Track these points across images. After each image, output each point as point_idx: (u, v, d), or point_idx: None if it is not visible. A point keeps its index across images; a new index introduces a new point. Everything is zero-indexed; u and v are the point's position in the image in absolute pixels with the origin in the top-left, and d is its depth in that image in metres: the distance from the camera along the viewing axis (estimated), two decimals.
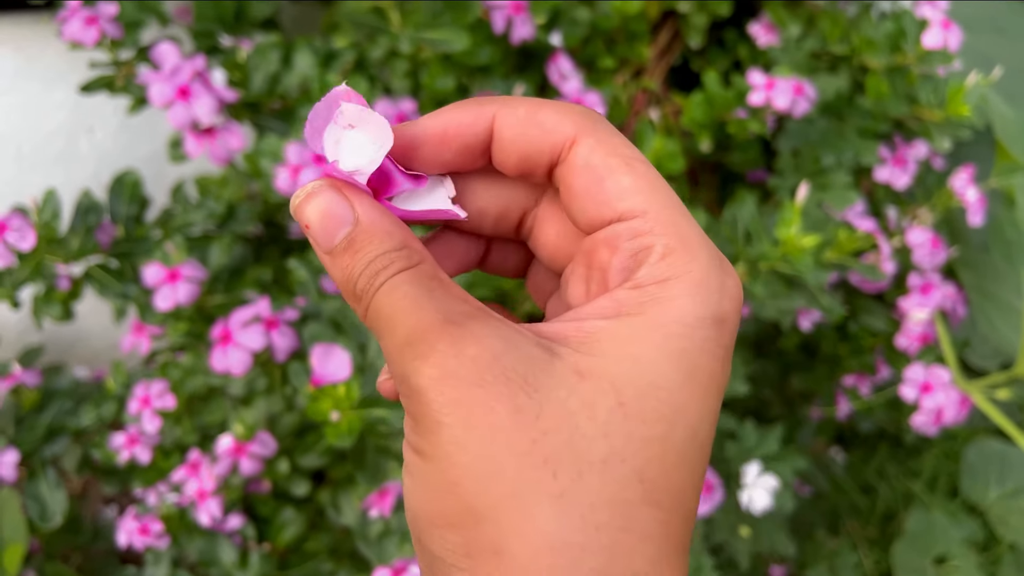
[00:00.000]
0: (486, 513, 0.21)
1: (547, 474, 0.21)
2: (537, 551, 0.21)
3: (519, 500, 0.21)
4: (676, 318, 0.23)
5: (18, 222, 0.74)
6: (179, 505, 0.81)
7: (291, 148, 0.77)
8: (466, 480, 0.22)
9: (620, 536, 0.21)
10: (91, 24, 0.82)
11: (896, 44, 0.85)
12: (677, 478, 0.22)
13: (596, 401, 0.22)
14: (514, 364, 0.22)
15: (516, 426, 0.22)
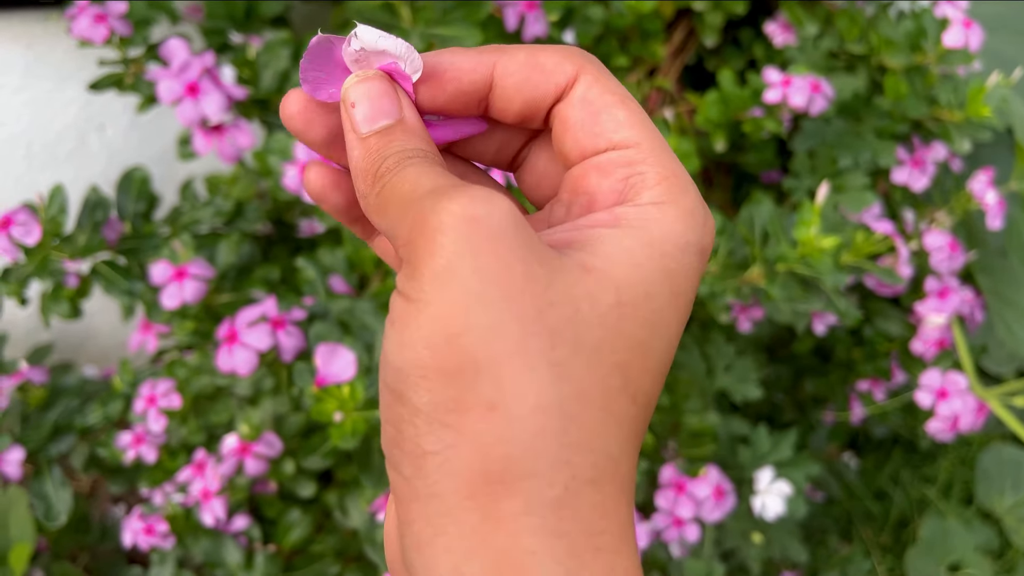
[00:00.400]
0: (486, 367, 0.21)
1: (548, 343, 0.22)
2: (532, 411, 0.21)
3: (522, 360, 0.21)
4: (670, 239, 0.24)
5: (24, 216, 0.74)
6: (184, 505, 0.81)
7: (300, 146, 0.76)
8: (470, 332, 0.21)
9: (603, 416, 0.22)
10: (100, 22, 0.82)
11: (916, 43, 0.84)
12: (649, 382, 0.24)
13: (598, 294, 0.23)
14: (532, 237, 0.23)
15: (527, 290, 0.22)
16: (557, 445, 0.21)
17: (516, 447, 0.21)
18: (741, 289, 0.75)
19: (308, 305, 0.74)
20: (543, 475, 0.21)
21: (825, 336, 0.99)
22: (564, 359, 0.22)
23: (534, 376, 0.21)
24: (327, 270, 0.81)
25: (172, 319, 0.78)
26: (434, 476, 0.22)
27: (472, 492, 0.21)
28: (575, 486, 0.22)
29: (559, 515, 0.21)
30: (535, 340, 0.22)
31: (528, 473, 0.21)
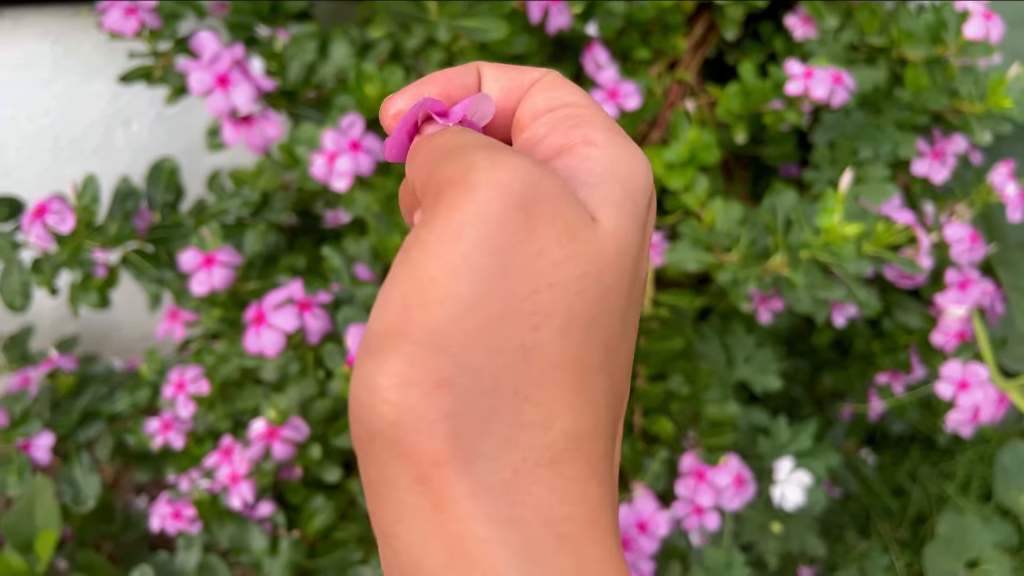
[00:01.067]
0: (448, 343, 0.20)
1: (528, 324, 0.21)
2: (483, 392, 0.21)
3: (487, 340, 0.21)
4: (637, 186, 0.24)
5: (58, 205, 0.75)
6: (211, 491, 0.82)
7: (328, 135, 0.77)
8: (446, 301, 0.21)
9: (570, 396, 0.21)
10: (131, 15, 0.83)
11: (936, 35, 0.85)
12: (626, 353, 0.24)
13: (606, 269, 0.22)
14: (565, 212, 0.22)
15: (532, 268, 0.21)
16: (506, 426, 0.20)
17: (462, 427, 0.20)
18: (763, 278, 0.76)
19: (334, 290, 0.75)
20: (490, 457, 0.20)
21: (844, 329, 0.99)
22: (544, 341, 0.21)
23: (501, 354, 0.20)
24: (352, 259, 0.82)
25: (200, 306, 0.79)
26: (383, 459, 0.21)
27: (421, 476, 0.20)
28: (527, 468, 0.20)
29: (510, 500, 0.20)
30: (516, 319, 0.21)
31: (475, 455, 0.20)
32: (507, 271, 0.21)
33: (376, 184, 0.84)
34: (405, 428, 0.20)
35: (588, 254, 0.22)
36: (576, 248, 0.22)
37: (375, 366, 0.21)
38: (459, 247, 0.21)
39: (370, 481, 0.21)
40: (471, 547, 0.20)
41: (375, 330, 0.21)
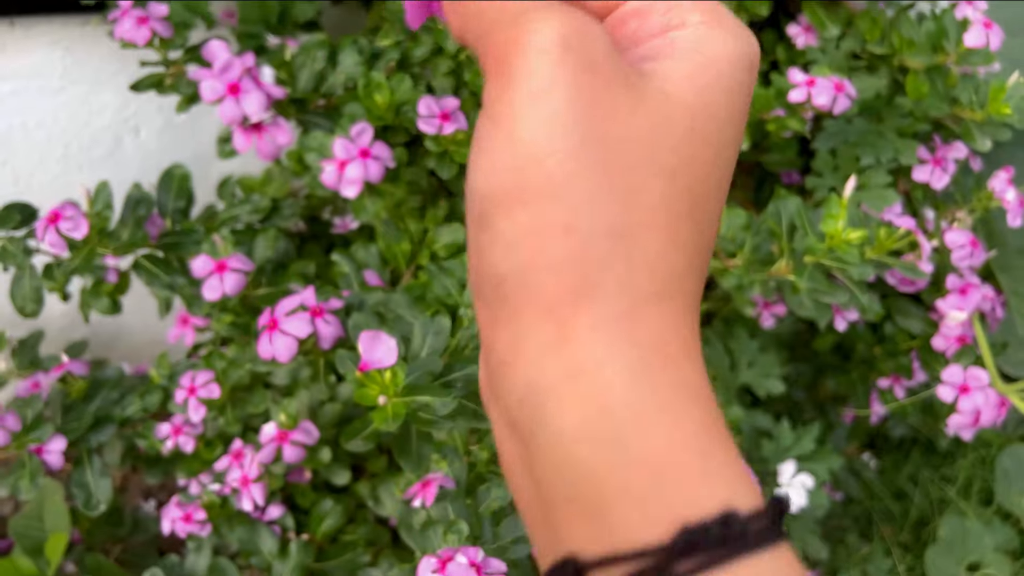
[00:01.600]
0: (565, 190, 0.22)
1: (626, 169, 0.23)
2: (604, 235, 0.22)
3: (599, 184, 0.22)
4: (724, 57, 0.25)
5: (72, 212, 0.76)
6: (221, 494, 0.83)
7: (338, 143, 0.78)
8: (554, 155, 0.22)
9: (667, 240, 0.23)
10: (142, 24, 0.84)
11: (937, 43, 0.86)
12: (713, 204, 0.25)
13: (676, 120, 0.24)
14: (621, 64, 0.23)
15: (613, 118, 0.23)
16: (624, 266, 0.22)
17: (588, 267, 0.22)
18: (767, 283, 0.77)
19: (345, 297, 0.76)
20: (612, 293, 0.22)
21: (846, 333, 1.00)
22: (638, 186, 0.23)
23: (610, 200, 0.22)
24: (361, 265, 0.83)
25: (212, 311, 0.80)
26: (512, 298, 0.23)
27: (548, 310, 0.22)
28: (639, 304, 0.23)
29: (627, 328, 0.22)
30: (613, 167, 0.22)
31: (598, 291, 0.22)
32: (595, 123, 0.22)
33: (385, 191, 0.85)
34: (537, 269, 0.22)
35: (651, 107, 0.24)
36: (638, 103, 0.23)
37: (504, 221, 0.23)
38: (547, 108, 0.22)
39: (492, 319, 0.23)
40: (590, 368, 0.22)
41: (490, 195, 0.23)
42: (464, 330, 0.76)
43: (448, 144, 0.82)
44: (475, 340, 0.76)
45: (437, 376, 0.69)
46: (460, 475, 0.73)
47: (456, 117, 0.81)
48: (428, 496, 0.72)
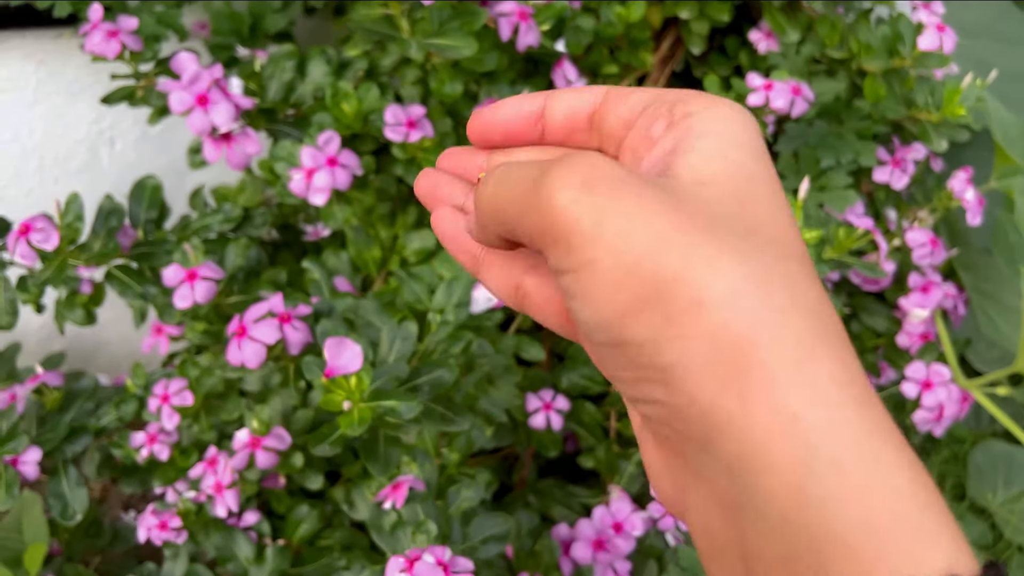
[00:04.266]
0: (675, 279, 0.23)
1: (713, 238, 0.24)
2: (732, 295, 0.23)
3: (699, 255, 0.23)
4: (734, 128, 0.28)
5: (42, 223, 0.77)
6: (196, 501, 0.84)
7: (305, 152, 0.79)
8: (645, 262, 0.23)
9: (786, 278, 0.24)
10: (112, 37, 0.85)
11: (893, 47, 0.88)
12: (794, 241, 0.26)
13: (721, 197, 0.26)
14: (639, 176, 0.25)
15: (668, 207, 0.24)
16: (770, 311, 0.23)
17: (736, 327, 0.23)
18: None
19: (314, 303, 0.77)
20: (772, 343, 0.23)
21: None
22: (731, 246, 0.24)
23: (721, 266, 0.23)
24: (332, 272, 0.84)
25: (184, 319, 0.81)
26: (681, 384, 0.23)
27: (722, 382, 0.23)
28: (806, 342, 0.23)
29: (802, 371, 0.22)
30: (699, 239, 0.24)
31: (756, 345, 0.23)
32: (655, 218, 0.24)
33: (354, 198, 0.86)
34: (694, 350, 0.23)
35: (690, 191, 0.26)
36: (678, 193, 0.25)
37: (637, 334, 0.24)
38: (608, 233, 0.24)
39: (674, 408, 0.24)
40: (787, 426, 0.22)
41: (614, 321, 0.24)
42: (432, 335, 0.77)
43: (415, 151, 0.83)
44: (442, 345, 0.77)
45: (404, 381, 0.70)
46: (431, 477, 0.74)
47: (422, 124, 0.83)
48: (399, 498, 0.73)
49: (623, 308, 0.24)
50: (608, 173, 0.25)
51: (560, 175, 0.25)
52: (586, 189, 0.24)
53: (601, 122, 0.32)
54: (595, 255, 0.24)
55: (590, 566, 0.81)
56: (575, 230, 0.24)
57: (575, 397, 0.94)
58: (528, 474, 0.95)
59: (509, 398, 0.85)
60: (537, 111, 0.33)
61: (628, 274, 0.24)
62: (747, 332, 0.23)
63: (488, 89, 0.87)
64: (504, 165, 0.28)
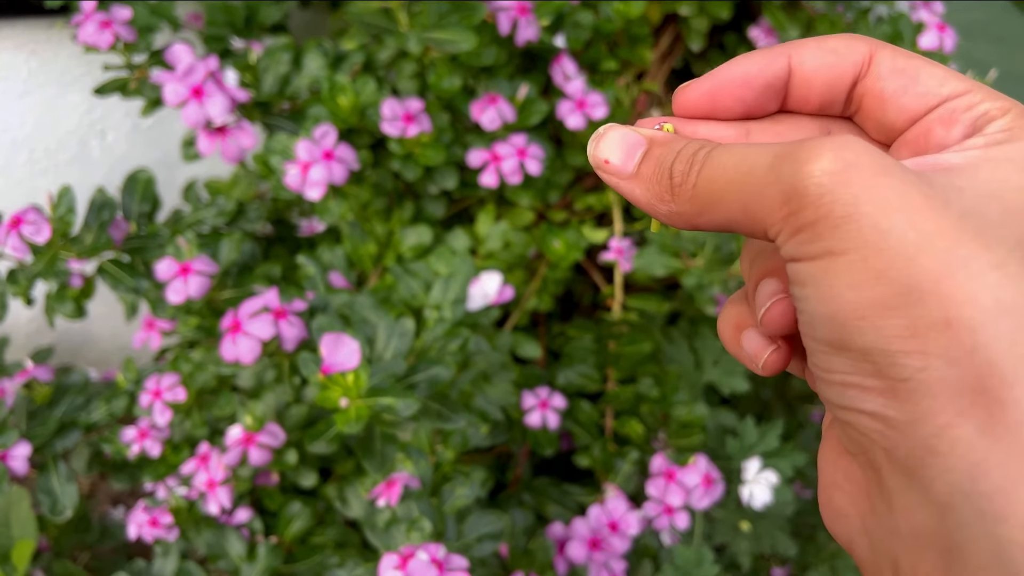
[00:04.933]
0: (929, 288, 0.21)
1: (981, 247, 0.21)
2: (992, 317, 0.21)
3: (963, 271, 0.21)
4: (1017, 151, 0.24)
5: (34, 216, 0.76)
6: (188, 498, 0.83)
7: (301, 145, 0.78)
8: (898, 262, 0.21)
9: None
10: (105, 27, 0.84)
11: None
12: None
13: (984, 206, 0.23)
14: (903, 166, 0.23)
15: (933, 208, 0.22)
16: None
17: (990, 354, 0.20)
18: (727, 282, 0.78)
19: (309, 299, 0.76)
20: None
21: None
22: (1004, 260, 0.21)
23: (982, 282, 0.21)
24: (327, 267, 0.83)
25: (177, 314, 0.80)
26: (912, 401, 0.21)
27: (960, 409, 0.21)
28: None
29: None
30: (969, 248, 0.21)
31: (1015, 380, 0.20)
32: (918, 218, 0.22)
33: (350, 193, 0.85)
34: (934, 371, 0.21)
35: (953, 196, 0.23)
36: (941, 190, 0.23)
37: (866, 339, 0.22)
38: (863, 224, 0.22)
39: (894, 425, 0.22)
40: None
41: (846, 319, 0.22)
42: (428, 332, 0.77)
43: (412, 146, 0.82)
44: (439, 342, 0.77)
45: (401, 378, 0.69)
46: (425, 475, 0.74)
47: (420, 119, 0.82)
48: (393, 496, 0.72)
49: (862, 309, 0.22)
50: (872, 160, 0.22)
51: (817, 154, 0.22)
52: (845, 173, 0.22)
53: (865, 97, 0.28)
54: (844, 245, 0.22)
55: (585, 565, 0.81)
56: (827, 214, 0.22)
57: (571, 395, 0.93)
58: (523, 472, 0.95)
59: (505, 396, 0.84)
60: (782, 78, 0.28)
61: (877, 273, 0.21)
62: (1003, 363, 0.20)
63: (487, 84, 0.87)
64: (720, 147, 0.25)
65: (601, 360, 0.93)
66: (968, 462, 0.21)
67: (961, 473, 0.21)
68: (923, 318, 0.21)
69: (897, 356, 0.21)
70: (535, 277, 0.96)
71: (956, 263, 0.21)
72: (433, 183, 0.87)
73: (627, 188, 0.27)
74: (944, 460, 0.21)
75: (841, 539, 0.26)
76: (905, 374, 0.21)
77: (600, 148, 0.28)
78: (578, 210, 0.99)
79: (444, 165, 0.86)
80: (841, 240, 0.22)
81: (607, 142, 0.28)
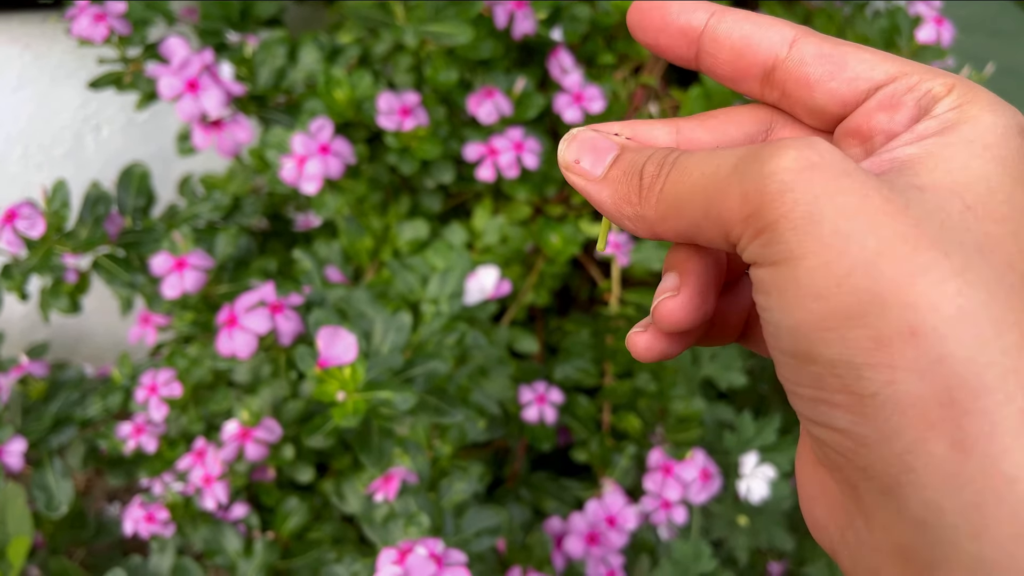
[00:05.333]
0: (891, 297, 0.20)
1: (941, 255, 0.21)
2: (956, 324, 0.20)
3: (924, 279, 0.20)
4: (986, 130, 0.24)
5: (28, 210, 0.76)
6: (184, 493, 0.82)
7: (297, 139, 0.78)
8: (859, 268, 0.21)
9: (1018, 316, 0.21)
10: (100, 21, 0.84)
11: (890, 40, 0.87)
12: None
13: (945, 205, 0.22)
14: (863, 168, 0.22)
15: (894, 212, 0.21)
16: (998, 352, 0.20)
17: (955, 364, 0.20)
18: None
19: (306, 293, 0.76)
20: (997, 388, 0.20)
21: None
22: (965, 267, 0.21)
23: (942, 291, 0.20)
24: (323, 261, 0.83)
25: (172, 309, 0.80)
26: (880, 417, 0.21)
27: (930, 423, 0.20)
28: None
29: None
30: (929, 255, 0.21)
31: (981, 389, 0.20)
32: (877, 223, 0.21)
33: (346, 187, 0.85)
34: (902, 384, 0.20)
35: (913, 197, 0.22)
36: (900, 193, 0.22)
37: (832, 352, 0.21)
38: (823, 228, 0.21)
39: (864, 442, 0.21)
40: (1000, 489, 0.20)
41: (808, 331, 0.21)
42: (425, 326, 0.76)
43: (409, 140, 0.82)
44: (436, 336, 0.76)
45: (398, 372, 0.69)
46: (423, 470, 0.73)
47: (417, 112, 0.82)
48: (390, 490, 0.72)
49: (823, 319, 0.21)
50: (834, 160, 0.22)
51: (778, 156, 0.22)
52: (807, 171, 0.21)
53: (788, 82, 0.27)
54: (803, 250, 0.21)
55: (583, 560, 0.81)
56: (786, 218, 0.21)
57: (569, 390, 0.93)
58: (520, 467, 0.95)
59: (502, 390, 0.84)
60: (697, 28, 0.27)
61: (837, 281, 0.21)
62: (969, 372, 0.20)
63: (483, 77, 0.86)
64: (689, 152, 0.25)
65: (598, 355, 0.93)
66: (941, 477, 0.20)
67: (935, 489, 0.20)
68: (887, 328, 0.20)
69: (863, 369, 0.21)
70: (532, 272, 0.96)
71: (916, 270, 0.20)
72: (430, 177, 0.87)
73: (594, 191, 0.27)
74: (918, 476, 0.20)
75: (826, 548, 0.25)
76: (872, 388, 0.21)
77: (571, 149, 0.28)
78: (575, 204, 0.99)
79: (441, 159, 0.86)
80: (801, 243, 0.21)
81: (579, 144, 0.28)
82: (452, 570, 0.61)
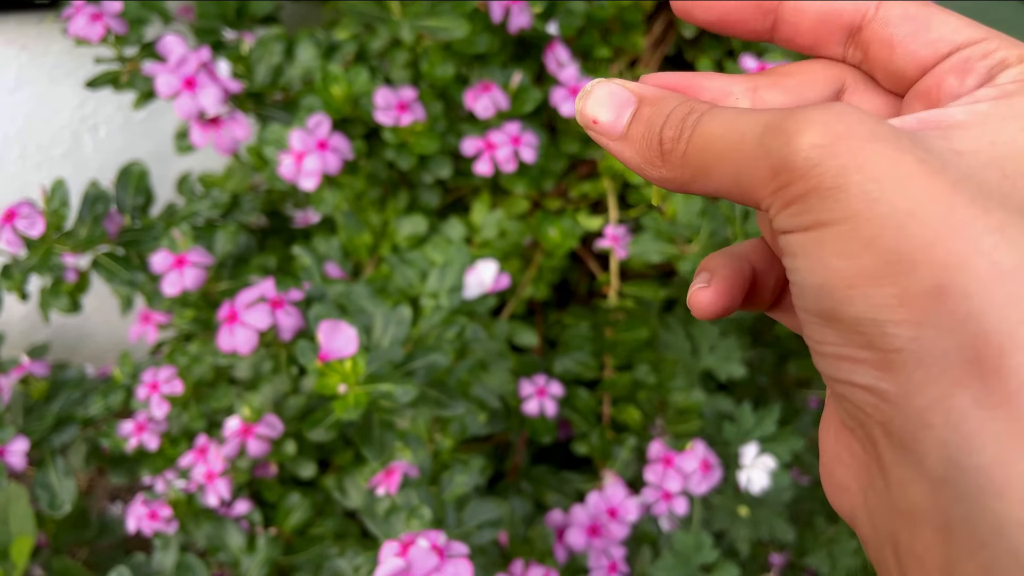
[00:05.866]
0: (920, 256, 0.20)
1: (980, 211, 0.21)
2: (988, 281, 0.20)
3: (958, 236, 0.20)
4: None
5: (27, 210, 0.76)
6: (187, 491, 0.83)
7: (295, 135, 0.78)
8: (887, 230, 0.20)
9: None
10: (96, 20, 0.84)
11: None
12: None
13: (983, 172, 0.22)
14: (897, 131, 0.22)
15: (928, 173, 0.21)
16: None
17: (985, 322, 0.20)
18: None
19: (306, 289, 0.76)
20: (1022, 348, 0.19)
21: None
22: (1005, 223, 0.21)
23: (977, 247, 0.20)
24: (322, 257, 0.83)
25: (172, 307, 0.80)
26: (904, 373, 0.21)
27: (954, 380, 0.20)
28: None
29: None
30: (964, 213, 0.20)
31: (1012, 347, 0.20)
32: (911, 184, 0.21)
33: (344, 183, 0.85)
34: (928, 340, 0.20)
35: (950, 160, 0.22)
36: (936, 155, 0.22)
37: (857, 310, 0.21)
38: (853, 193, 0.21)
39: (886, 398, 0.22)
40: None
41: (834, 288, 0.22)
42: (425, 320, 0.77)
43: (406, 135, 0.82)
44: (436, 330, 0.77)
45: (399, 365, 0.69)
46: (424, 463, 0.74)
47: (414, 107, 0.82)
48: (392, 484, 0.72)
49: (851, 278, 0.21)
50: (863, 129, 0.22)
51: (807, 121, 0.22)
52: (834, 145, 0.21)
53: (872, 44, 0.26)
54: (833, 215, 0.21)
55: (584, 552, 0.81)
56: (816, 186, 0.21)
57: (568, 383, 0.93)
58: (521, 460, 0.95)
59: (502, 384, 0.84)
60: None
61: (866, 242, 0.21)
62: (998, 329, 0.20)
63: (480, 72, 0.87)
64: (709, 112, 0.25)
65: (598, 347, 0.93)
66: (963, 434, 0.20)
67: (956, 446, 0.20)
68: (913, 286, 0.20)
69: (887, 326, 0.21)
70: (531, 265, 0.96)
71: (950, 228, 0.20)
72: (428, 172, 0.87)
73: (617, 149, 0.27)
74: (938, 433, 0.20)
75: (844, 514, 0.25)
76: (896, 344, 0.21)
77: (588, 105, 0.27)
78: (573, 198, 0.99)
79: (438, 154, 0.86)
80: (830, 210, 0.21)
81: (595, 99, 0.27)
82: (454, 562, 0.62)
